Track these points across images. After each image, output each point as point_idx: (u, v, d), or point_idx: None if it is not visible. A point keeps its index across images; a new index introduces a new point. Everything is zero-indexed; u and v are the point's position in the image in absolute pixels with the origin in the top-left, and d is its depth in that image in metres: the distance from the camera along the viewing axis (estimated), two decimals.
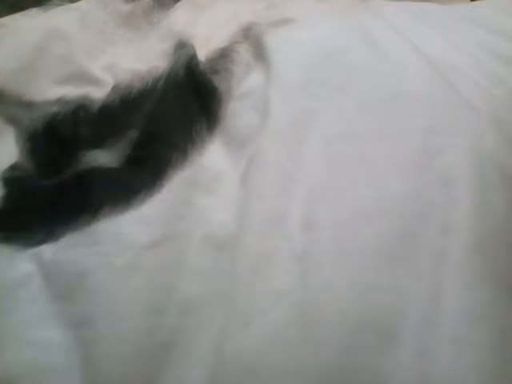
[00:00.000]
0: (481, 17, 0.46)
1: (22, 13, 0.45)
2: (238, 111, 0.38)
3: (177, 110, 0.38)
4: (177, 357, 0.31)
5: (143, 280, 0.32)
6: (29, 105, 0.38)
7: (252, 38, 0.41)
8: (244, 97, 0.38)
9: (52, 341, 0.31)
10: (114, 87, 0.39)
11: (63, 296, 0.32)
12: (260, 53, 0.40)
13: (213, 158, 0.36)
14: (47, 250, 0.33)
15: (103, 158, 0.36)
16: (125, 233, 0.33)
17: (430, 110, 0.37)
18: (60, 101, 0.38)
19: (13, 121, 0.38)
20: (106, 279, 0.32)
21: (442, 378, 0.30)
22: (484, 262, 0.32)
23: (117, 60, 0.42)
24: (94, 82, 0.40)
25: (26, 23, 0.44)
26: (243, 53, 0.40)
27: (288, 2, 0.47)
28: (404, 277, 0.32)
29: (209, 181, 0.35)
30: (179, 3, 0.48)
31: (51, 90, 0.39)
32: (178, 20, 0.45)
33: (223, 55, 0.40)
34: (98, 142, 0.37)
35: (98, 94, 0.39)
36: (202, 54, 0.40)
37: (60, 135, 0.37)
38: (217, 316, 0.31)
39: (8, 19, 0.45)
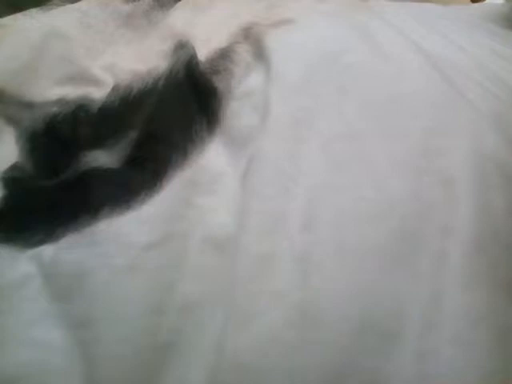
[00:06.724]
0: (481, 17, 0.46)
1: (22, 13, 0.45)
2: (238, 111, 0.38)
3: (177, 110, 0.38)
4: (177, 357, 0.31)
5: (143, 280, 0.32)
6: (29, 105, 0.38)
7: (252, 38, 0.41)
8: (244, 97, 0.38)
9: (52, 341, 0.31)
10: (114, 87, 0.39)
11: (63, 296, 0.32)
12: (260, 53, 0.40)
13: (213, 158, 0.36)
14: (47, 251, 0.33)
15: (103, 158, 0.36)
16: (125, 233, 0.33)
17: (430, 110, 0.37)
18: (60, 101, 0.38)
19: (13, 121, 0.38)
20: (106, 279, 0.32)
21: (442, 378, 0.30)
22: (484, 262, 0.32)
23: (117, 60, 0.42)
24: (94, 82, 0.40)
25: (26, 23, 0.44)
26: (243, 53, 0.40)
27: (288, 2, 0.47)
28: (404, 277, 0.32)
29: (209, 181, 0.35)
30: (179, 3, 0.48)
31: (51, 91, 0.39)
32: (178, 20, 0.45)
33: (223, 55, 0.40)
34: (98, 142, 0.37)
35: (98, 94, 0.39)
36: (202, 53, 0.40)
37: (60, 135, 0.37)
38: (217, 316, 0.31)
39: (8, 19, 0.45)
